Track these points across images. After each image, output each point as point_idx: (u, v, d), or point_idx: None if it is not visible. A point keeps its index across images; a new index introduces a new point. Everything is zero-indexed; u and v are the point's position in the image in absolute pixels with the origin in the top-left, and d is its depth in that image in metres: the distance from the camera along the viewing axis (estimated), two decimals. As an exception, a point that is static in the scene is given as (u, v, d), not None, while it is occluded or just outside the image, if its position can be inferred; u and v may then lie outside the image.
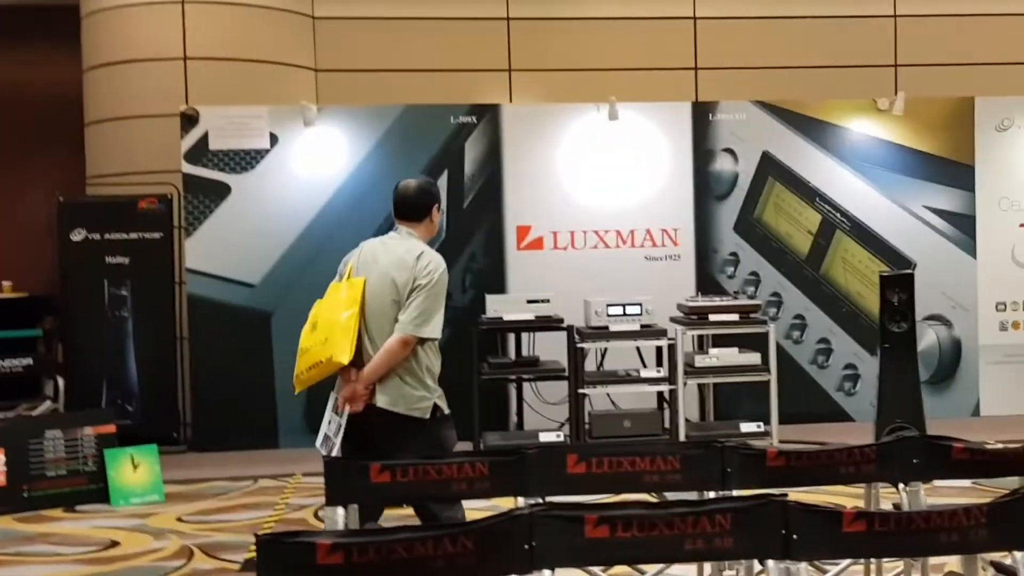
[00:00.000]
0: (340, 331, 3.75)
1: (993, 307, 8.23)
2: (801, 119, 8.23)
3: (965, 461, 3.37)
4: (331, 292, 3.92)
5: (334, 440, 3.81)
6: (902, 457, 3.39)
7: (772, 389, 7.12)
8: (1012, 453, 3.38)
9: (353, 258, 3.99)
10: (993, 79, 8.62)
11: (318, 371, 3.84)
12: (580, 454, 3.36)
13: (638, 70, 8.84)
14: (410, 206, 4.01)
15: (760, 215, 8.25)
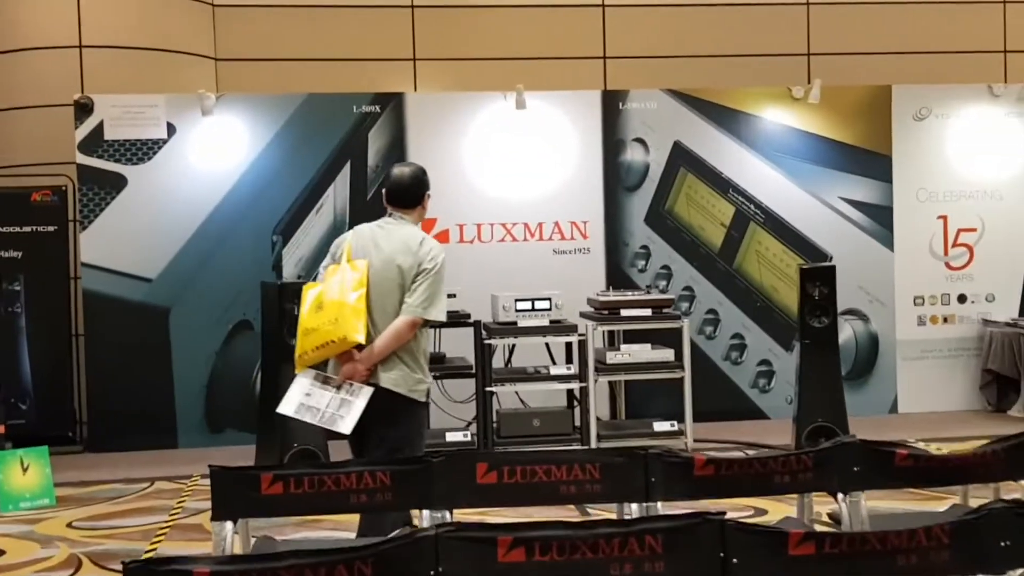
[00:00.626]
0: (351, 312, 3.81)
1: (911, 301, 8.09)
2: (713, 108, 7.98)
3: (908, 468, 3.07)
4: (331, 274, 3.94)
5: (338, 413, 3.83)
6: (841, 465, 3.07)
7: (686, 387, 6.85)
8: (958, 459, 3.09)
9: (346, 242, 4.01)
10: (909, 68, 8.50)
11: (328, 351, 3.86)
12: (490, 463, 2.98)
13: (546, 59, 8.51)
14: (405, 193, 4.06)
15: (672, 207, 7.98)
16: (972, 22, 8.62)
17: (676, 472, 3.00)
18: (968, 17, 8.62)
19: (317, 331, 3.83)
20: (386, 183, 4.10)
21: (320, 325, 3.82)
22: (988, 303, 8.15)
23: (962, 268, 8.16)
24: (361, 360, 3.84)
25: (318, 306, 3.86)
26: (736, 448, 6.92)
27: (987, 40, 8.65)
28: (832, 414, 5.95)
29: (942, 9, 8.58)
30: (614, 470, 2.99)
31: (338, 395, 3.86)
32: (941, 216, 8.14)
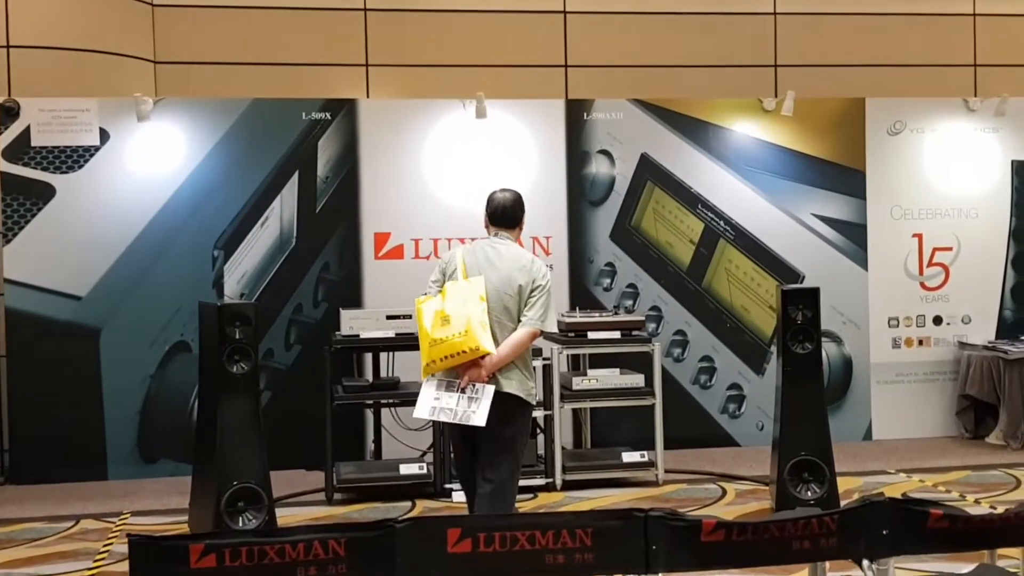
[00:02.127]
0: (479, 325, 4.17)
1: (885, 323, 7.77)
2: (682, 119, 7.61)
3: (943, 531, 2.66)
4: (451, 289, 4.26)
5: (469, 410, 4.17)
6: (868, 528, 2.65)
7: (657, 415, 6.47)
8: (1000, 520, 2.69)
9: (458, 260, 4.36)
10: (879, 81, 8.21)
11: (457, 360, 4.17)
12: (464, 528, 2.51)
13: (506, 66, 8.09)
14: (509, 215, 4.49)
15: (639, 222, 7.58)
16: (942, 35, 8.37)
17: (681, 537, 2.56)
18: (938, 30, 8.37)
19: (446, 342, 4.15)
20: (490, 206, 4.51)
21: (448, 337, 4.14)
22: (964, 325, 7.86)
23: (938, 288, 7.87)
24: (485, 367, 4.18)
25: (443, 319, 4.17)
26: (710, 480, 6.53)
27: (958, 54, 8.40)
28: (816, 447, 5.56)
29: (911, 21, 8.31)
30: (608, 536, 2.54)
31: (464, 396, 4.20)
32: (916, 234, 7.85)
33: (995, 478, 6.46)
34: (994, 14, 8.36)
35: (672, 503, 5.99)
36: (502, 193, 4.55)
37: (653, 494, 6.21)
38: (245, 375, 5.22)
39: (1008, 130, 7.93)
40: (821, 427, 5.60)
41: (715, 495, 6.19)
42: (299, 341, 7.17)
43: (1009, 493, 6.09)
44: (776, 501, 5.61)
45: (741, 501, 6.01)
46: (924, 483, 6.38)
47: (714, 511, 5.81)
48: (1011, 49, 8.35)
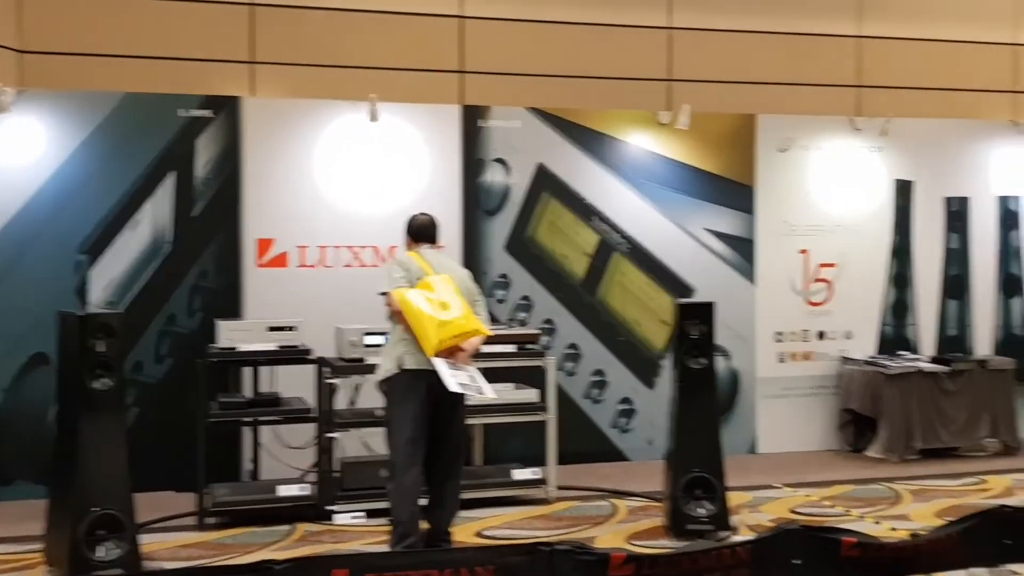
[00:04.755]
0: (470, 310, 4.87)
1: (771, 337, 7.84)
2: (579, 130, 7.54)
3: (856, 559, 2.58)
4: (432, 282, 4.85)
5: (479, 385, 4.82)
6: (780, 557, 2.55)
7: (550, 430, 6.35)
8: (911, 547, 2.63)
9: (418, 261, 4.99)
10: (769, 98, 8.29)
11: (462, 339, 4.78)
12: (352, 569, 2.29)
13: (400, 69, 7.86)
14: (431, 233, 5.21)
15: (534, 233, 7.47)
16: (829, 56, 8.52)
17: (589, 573, 2.41)
18: (825, 51, 8.51)
19: (454, 323, 4.70)
20: (414, 226, 5.19)
21: (454, 319, 4.72)
22: (847, 340, 8.00)
23: (822, 304, 7.98)
24: (470, 350, 4.84)
25: (441, 305, 4.73)
26: (601, 497, 6.43)
27: (844, 74, 8.56)
28: (709, 462, 5.51)
29: (801, 41, 8.43)
30: (512, 573, 2.37)
31: (466, 373, 4.78)
32: (802, 250, 7.95)
33: (877, 492, 6.56)
34: (878, 36, 8.55)
35: (564, 521, 5.87)
36: (422, 216, 5.24)
37: (545, 512, 6.08)
38: (109, 391, 4.84)
39: (891, 150, 8.11)
40: (714, 443, 5.56)
41: (607, 512, 6.09)
42: (171, 354, 6.76)
43: (891, 507, 6.18)
44: (668, 519, 5.54)
45: (633, 519, 5.93)
46: (810, 497, 6.43)
47: (606, 529, 5.71)
48: (894, 71, 8.56)
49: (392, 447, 4.94)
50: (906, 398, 7.46)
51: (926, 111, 8.46)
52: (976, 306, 8.24)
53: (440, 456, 4.96)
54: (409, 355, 4.84)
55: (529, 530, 5.67)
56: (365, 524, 5.79)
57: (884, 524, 5.71)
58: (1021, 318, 8.31)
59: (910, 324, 8.13)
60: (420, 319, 4.70)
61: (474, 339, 4.86)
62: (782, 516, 5.95)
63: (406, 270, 4.94)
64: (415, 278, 4.89)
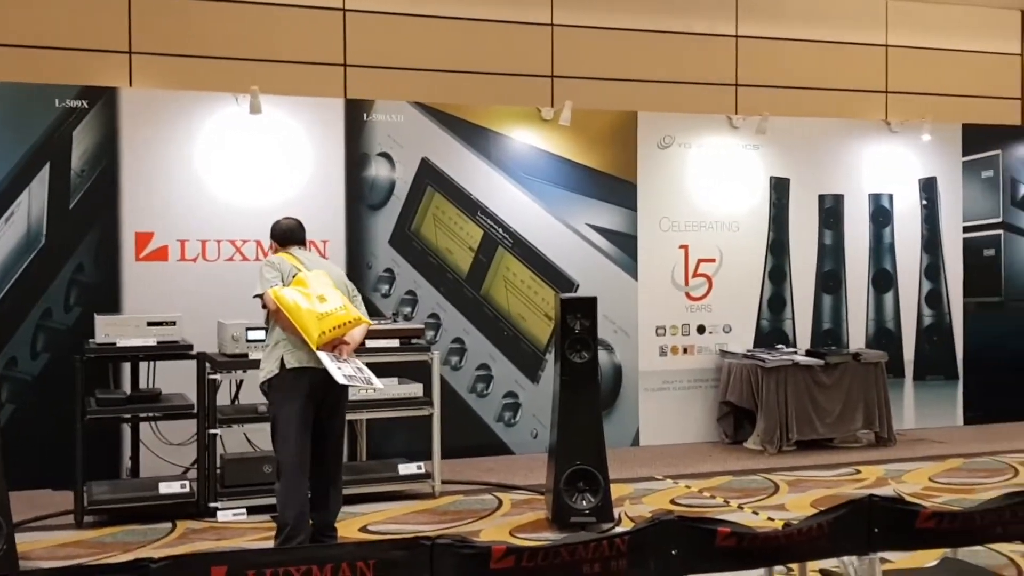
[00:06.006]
0: (348, 301, 4.88)
1: (653, 331, 8.01)
2: (463, 125, 7.56)
3: (731, 548, 2.66)
4: (307, 277, 4.82)
5: (367, 376, 4.75)
6: (657, 547, 2.62)
7: (435, 425, 6.34)
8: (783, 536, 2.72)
9: (290, 260, 4.95)
10: (650, 96, 8.45)
11: (344, 329, 4.76)
12: (231, 565, 2.26)
13: (283, 62, 7.73)
14: (298, 236, 5.15)
15: (418, 228, 7.46)
16: (708, 54, 8.72)
17: (469, 566, 2.43)
18: (704, 49, 8.72)
19: (334, 315, 4.69)
20: (279, 230, 5.13)
21: (333, 311, 4.70)
22: (725, 334, 8.22)
23: (701, 299, 8.19)
24: (352, 342, 4.80)
25: (319, 298, 4.71)
26: (486, 490, 6.47)
27: (722, 73, 8.79)
28: (592, 455, 5.60)
29: (681, 40, 8.61)
30: (393, 568, 2.37)
31: (354, 365, 4.74)
32: (683, 246, 8.14)
33: (755, 483, 6.76)
34: (756, 36, 8.80)
35: (449, 515, 5.89)
36: (287, 220, 5.18)
37: (430, 507, 6.08)
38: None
39: (768, 147, 8.37)
40: (597, 436, 5.65)
41: (491, 506, 6.13)
42: (47, 349, 6.54)
43: (769, 498, 6.37)
44: (552, 511, 5.61)
45: (517, 512, 5.98)
46: (690, 489, 6.59)
47: (491, 523, 5.74)
48: (772, 70, 8.83)
49: (279, 448, 4.85)
50: (783, 390, 7.71)
51: (802, 110, 8.75)
52: (849, 301, 8.57)
53: (324, 453, 4.91)
54: (290, 354, 4.76)
55: (414, 525, 5.67)
56: (248, 521, 5.70)
57: (762, 514, 5.90)
58: (892, 312, 8.68)
59: (786, 318, 8.40)
60: (298, 314, 4.64)
61: (356, 331, 4.82)
62: (663, 507, 6.08)
63: (278, 270, 4.88)
64: (288, 276, 4.83)
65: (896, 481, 6.79)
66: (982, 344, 8.83)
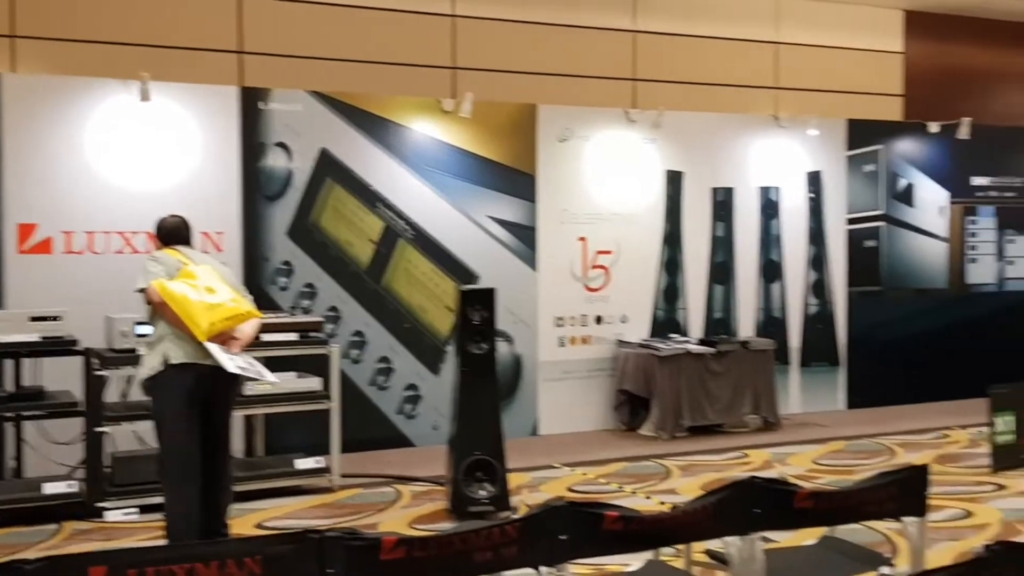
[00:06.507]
0: (239, 294, 4.78)
1: (552, 322, 8.08)
2: (363, 115, 7.50)
3: (619, 532, 2.72)
4: (195, 270, 4.70)
5: (259, 369, 4.70)
6: (548, 533, 2.66)
7: (334, 419, 6.29)
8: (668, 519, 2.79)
9: (174, 256, 4.80)
10: (550, 89, 8.51)
11: (235, 321, 4.66)
12: (111, 565, 2.21)
13: (175, 48, 7.55)
14: (184, 235, 5.01)
15: (318, 219, 7.38)
16: (606, 48, 8.83)
17: (360, 558, 2.42)
18: (602, 43, 8.82)
19: (223, 306, 4.59)
20: (163, 230, 4.98)
21: (223, 302, 4.60)
22: (622, 324, 8.35)
23: (599, 290, 8.29)
24: (243, 338, 4.69)
25: (207, 289, 4.60)
26: (385, 483, 6.45)
27: (619, 67, 8.90)
28: (490, 445, 5.64)
29: (580, 34, 8.70)
30: (280, 562, 2.35)
31: (245, 359, 4.64)
32: (581, 238, 8.23)
33: (649, 468, 6.90)
34: (652, 32, 8.94)
35: (348, 509, 5.85)
36: (172, 218, 5.04)
37: (328, 501, 6.03)
38: None
39: (664, 141, 8.51)
40: (495, 426, 5.68)
41: (391, 498, 6.12)
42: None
43: (662, 482, 6.51)
44: (451, 502, 5.63)
45: (417, 503, 5.98)
46: (587, 476, 6.68)
47: (390, 515, 5.74)
48: (667, 65, 8.98)
49: (165, 449, 4.69)
50: (676, 378, 7.87)
51: (696, 105, 8.93)
52: (740, 290, 8.79)
53: (213, 450, 4.79)
54: (175, 348, 4.60)
55: (311, 519, 5.62)
56: (140, 521, 5.57)
57: (655, 498, 6.02)
58: (780, 301, 8.93)
59: (680, 308, 8.57)
60: (186, 304, 4.51)
61: (247, 326, 4.72)
62: (561, 495, 6.16)
63: (163, 264, 4.75)
64: (173, 271, 4.70)
65: (781, 464, 7.01)
66: (863, 332, 9.16)
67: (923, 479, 3.33)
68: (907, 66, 10.00)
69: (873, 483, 3.27)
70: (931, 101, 9.95)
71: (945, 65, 10.24)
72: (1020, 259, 9.93)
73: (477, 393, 5.65)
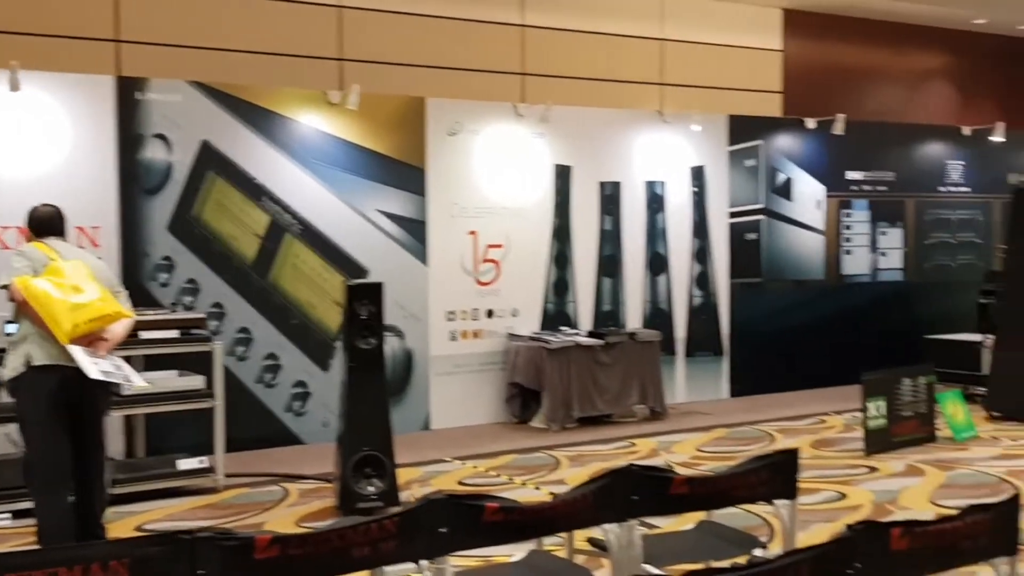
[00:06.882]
0: (108, 294, 4.55)
1: (443, 316, 8.07)
2: (246, 107, 7.35)
3: (499, 523, 2.73)
4: (63, 266, 4.48)
5: (126, 373, 4.50)
6: (427, 526, 2.65)
7: (217, 418, 6.16)
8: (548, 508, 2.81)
9: (43, 250, 4.58)
10: (439, 82, 8.49)
11: (102, 322, 4.46)
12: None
13: (47, 36, 7.27)
14: (58, 226, 4.79)
15: (200, 213, 7.20)
16: (495, 42, 8.85)
17: (233, 558, 2.38)
18: (491, 37, 8.84)
19: (90, 306, 4.38)
20: (35, 220, 4.77)
21: (89, 302, 4.39)
22: (513, 318, 8.39)
23: (490, 284, 8.31)
24: (112, 340, 4.52)
25: (73, 288, 4.39)
26: (272, 482, 6.35)
27: (508, 62, 8.94)
28: (380, 441, 5.60)
29: (468, 27, 8.70)
30: (150, 564, 2.29)
31: (111, 362, 4.47)
32: (472, 232, 8.23)
33: (539, 460, 6.95)
34: (540, 26, 9.00)
35: (233, 509, 5.74)
36: (45, 207, 4.83)
37: (212, 501, 5.91)
38: None
39: (552, 136, 8.58)
40: (383, 421, 5.65)
41: (278, 497, 6.02)
42: None
43: (551, 473, 6.57)
44: (339, 498, 5.57)
45: (304, 501, 5.90)
46: (477, 469, 6.70)
47: (276, 514, 5.65)
48: (555, 60, 9.05)
49: (31, 453, 4.51)
50: (566, 370, 7.95)
51: (584, 100, 9.02)
52: (627, 283, 8.92)
53: (83, 453, 4.61)
54: (38, 350, 4.41)
55: (193, 520, 5.49)
56: (11, 527, 5.36)
57: (543, 489, 6.07)
58: (666, 293, 9.10)
59: (570, 301, 8.65)
60: (48, 304, 4.31)
61: (117, 326, 4.54)
62: (450, 488, 6.16)
63: (29, 259, 4.55)
64: (40, 266, 4.49)
65: (667, 452, 7.16)
66: (745, 322, 9.41)
67: (793, 463, 3.44)
68: (786, 63, 10.30)
69: (745, 468, 3.36)
70: (809, 98, 10.27)
71: (822, 63, 10.59)
72: (892, 250, 10.35)
73: (365, 389, 5.60)
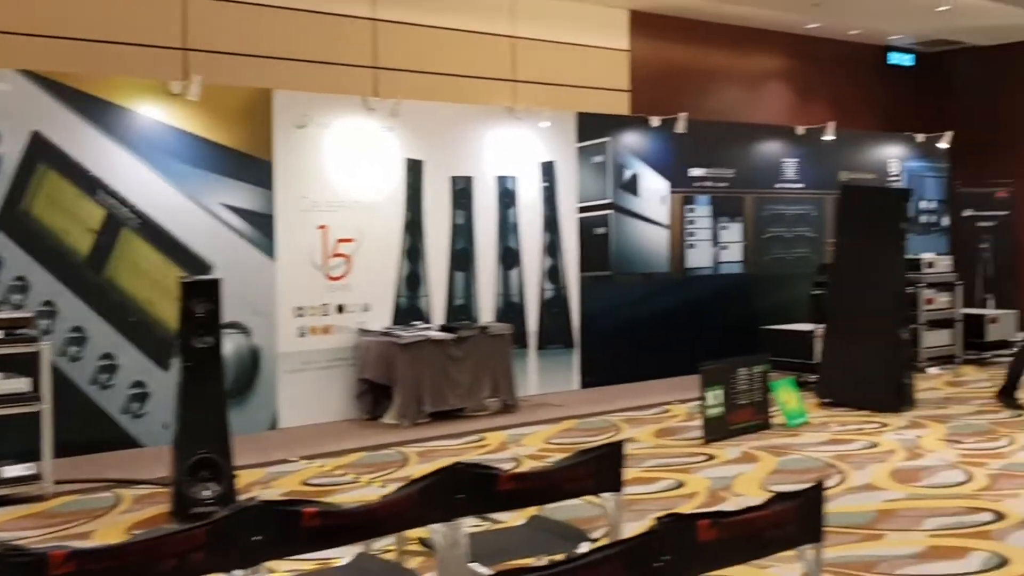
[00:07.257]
0: None
1: (292, 312, 7.92)
2: (81, 97, 7.04)
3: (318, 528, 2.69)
4: None
5: None
6: (240, 535, 2.59)
7: (46, 421, 5.91)
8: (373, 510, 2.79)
9: None
10: (287, 74, 8.32)
11: None
12: None
13: None
14: None
15: (29, 208, 6.87)
16: (345, 35, 8.75)
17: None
18: (342, 30, 8.73)
19: None
20: None
21: None
22: (364, 313, 8.31)
23: (341, 278, 8.21)
24: None
25: None
26: (105, 487, 6.11)
27: (359, 55, 8.85)
28: (216, 443, 5.45)
29: (317, 19, 8.57)
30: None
31: None
32: (322, 225, 8.11)
33: (387, 457, 6.91)
34: (392, 20, 8.93)
35: (60, 518, 5.50)
36: None
37: (39, 510, 5.64)
38: None
39: (403, 130, 8.52)
40: (221, 422, 5.51)
41: (109, 504, 5.80)
42: None
43: (399, 470, 6.54)
44: (174, 504, 5.41)
45: (138, 507, 5.70)
46: (324, 468, 6.61)
47: (107, 522, 5.44)
48: (407, 55, 9.00)
49: None
50: (417, 365, 7.92)
51: (437, 95, 9.00)
52: (480, 277, 8.95)
53: None
54: None
55: (17, 531, 5.24)
56: None
57: (389, 487, 6.02)
58: (518, 287, 9.17)
59: (423, 295, 8.63)
60: None
61: None
62: (295, 490, 6.05)
63: None
64: None
65: (516, 444, 7.23)
66: (595, 314, 9.58)
67: (618, 456, 3.51)
68: (633, 63, 10.52)
69: (572, 462, 3.41)
70: (654, 97, 10.52)
71: (667, 63, 10.86)
72: (732, 244, 10.71)
73: (201, 389, 5.45)
